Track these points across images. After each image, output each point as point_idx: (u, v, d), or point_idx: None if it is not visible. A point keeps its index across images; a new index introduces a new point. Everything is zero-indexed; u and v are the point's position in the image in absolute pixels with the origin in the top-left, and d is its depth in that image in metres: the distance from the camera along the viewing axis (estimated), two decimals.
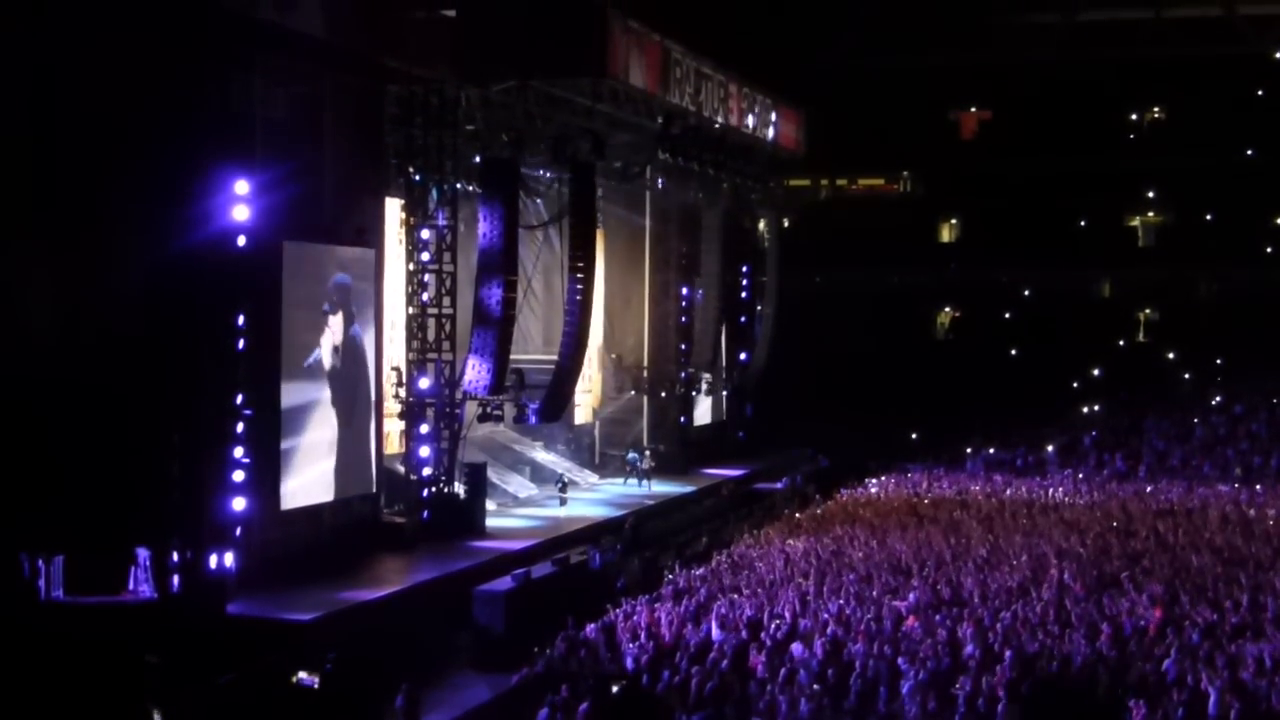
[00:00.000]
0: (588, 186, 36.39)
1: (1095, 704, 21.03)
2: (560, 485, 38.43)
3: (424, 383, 33.03)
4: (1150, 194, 65.27)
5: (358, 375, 30.82)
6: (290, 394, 28.37)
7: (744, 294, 52.85)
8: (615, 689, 21.71)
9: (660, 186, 47.23)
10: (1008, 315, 64.35)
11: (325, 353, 29.68)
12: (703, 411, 50.61)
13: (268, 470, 27.47)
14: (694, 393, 49.01)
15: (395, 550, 30.69)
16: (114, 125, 25.05)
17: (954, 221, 68.21)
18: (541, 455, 43.45)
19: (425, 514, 32.36)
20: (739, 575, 30.19)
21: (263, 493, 27.10)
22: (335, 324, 29.95)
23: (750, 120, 45.76)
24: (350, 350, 30.50)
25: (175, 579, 24.59)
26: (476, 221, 34.10)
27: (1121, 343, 63.67)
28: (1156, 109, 65.95)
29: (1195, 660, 22.40)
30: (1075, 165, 61.81)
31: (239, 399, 25.78)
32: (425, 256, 33.14)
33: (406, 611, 26.39)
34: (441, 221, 33.26)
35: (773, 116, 48.37)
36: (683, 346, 49.01)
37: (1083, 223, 64.70)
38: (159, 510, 25.07)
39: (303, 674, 22.00)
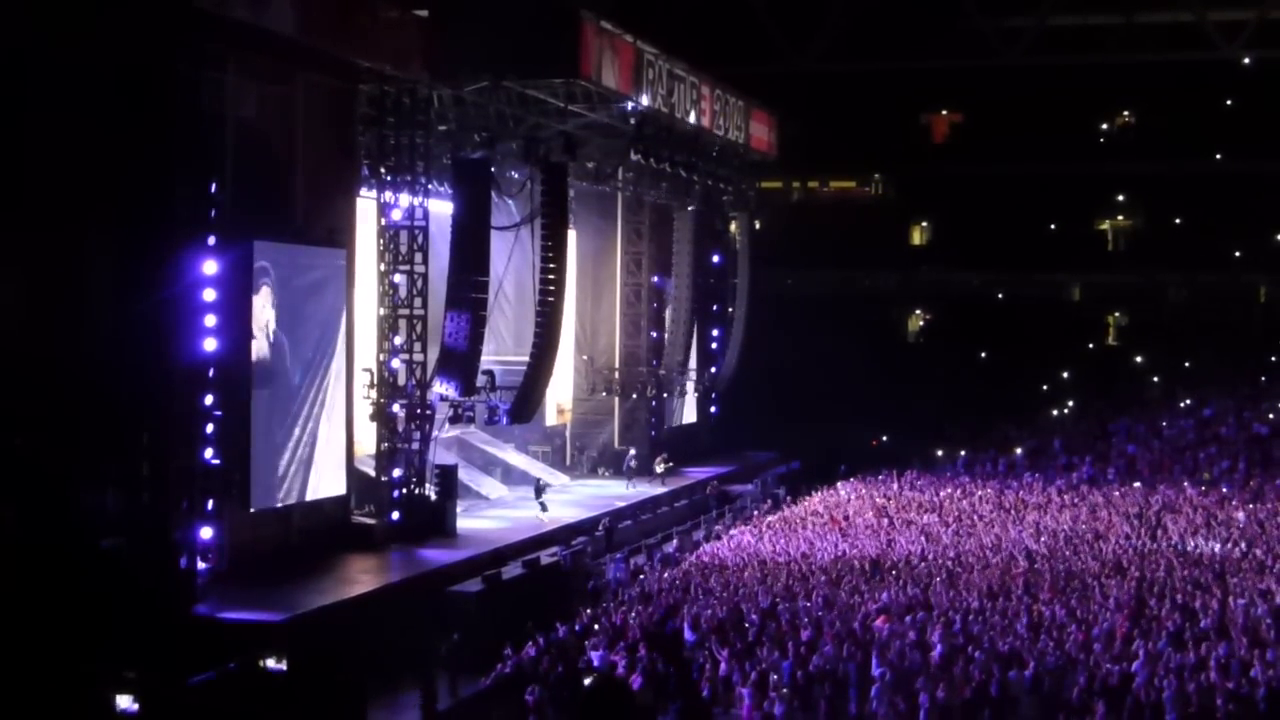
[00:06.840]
0: (560, 187, 36.37)
1: (1063, 706, 21.13)
2: (538, 491, 37.17)
3: (395, 384, 32.89)
4: (1120, 198, 65.68)
5: (308, 369, 29.75)
6: (259, 393, 28.20)
7: (715, 296, 52.83)
8: (588, 681, 21.69)
9: (632, 188, 47.23)
10: (978, 318, 64.51)
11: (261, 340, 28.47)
12: (673, 413, 50.59)
13: (237, 471, 27.32)
14: (664, 394, 48.95)
15: (365, 551, 30.57)
16: (83, 123, 24.88)
17: (925, 224, 68.49)
18: (513, 457, 43.36)
19: (395, 515, 32.25)
20: (709, 577, 30.21)
21: (231, 494, 26.98)
22: (259, 305, 28.40)
23: (723, 122, 45.78)
24: (278, 343, 29.00)
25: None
26: (448, 222, 34.04)
27: (1091, 346, 63.99)
28: (1127, 114, 66.41)
29: (1163, 664, 22.53)
30: (1046, 169, 62.04)
31: (209, 399, 25.67)
32: (397, 256, 33.04)
33: (377, 613, 26.32)
34: (413, 222, 33.16)
35: (745, 118, 48.45)
36: (653, 348, 48.97)
37: (1053, 226, 65.01)
38: (128, 509, 24.96)
39: (269, 660, 22.02)
